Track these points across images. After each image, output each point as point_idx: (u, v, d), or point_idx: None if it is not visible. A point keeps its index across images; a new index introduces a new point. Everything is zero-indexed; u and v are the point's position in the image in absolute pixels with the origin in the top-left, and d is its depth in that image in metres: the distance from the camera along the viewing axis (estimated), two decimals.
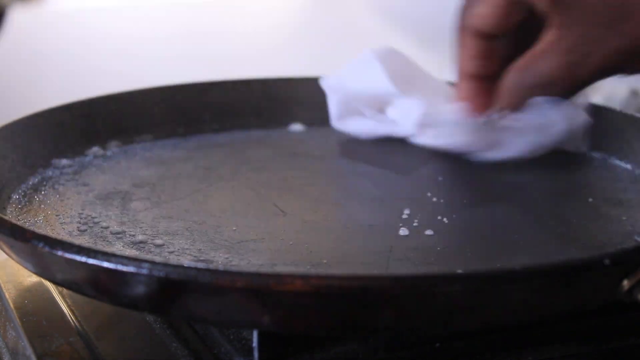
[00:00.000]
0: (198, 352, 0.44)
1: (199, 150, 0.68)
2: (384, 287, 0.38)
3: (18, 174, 0.58)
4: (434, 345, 0.44)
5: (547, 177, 0.61)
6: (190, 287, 0.39)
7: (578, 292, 0.41)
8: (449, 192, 0.59)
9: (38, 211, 0.54)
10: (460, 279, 0.38)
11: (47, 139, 0.63)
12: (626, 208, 0.55)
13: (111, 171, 0.62)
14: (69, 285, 0.44)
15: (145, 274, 0.39)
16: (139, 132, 0.69)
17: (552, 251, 0.49)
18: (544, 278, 0.39)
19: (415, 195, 0.57)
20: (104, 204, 0.55)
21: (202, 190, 0.58)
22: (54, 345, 0.45)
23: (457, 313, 0.39)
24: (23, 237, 0.42)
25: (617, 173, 0.62)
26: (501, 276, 0.39)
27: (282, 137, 0.71)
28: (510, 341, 0.44)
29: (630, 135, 0.63)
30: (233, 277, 0.38)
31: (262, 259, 0.48)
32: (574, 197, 0.57)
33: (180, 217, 0.53)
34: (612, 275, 0.40)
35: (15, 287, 0.52)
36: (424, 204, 0.56)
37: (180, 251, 0.48)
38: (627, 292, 0.40)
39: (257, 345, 0.42)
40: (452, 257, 0.48)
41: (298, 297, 0.38)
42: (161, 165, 0.64)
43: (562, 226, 0.52)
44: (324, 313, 0.39)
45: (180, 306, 0.40)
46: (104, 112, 0.68)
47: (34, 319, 0.48)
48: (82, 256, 0.40)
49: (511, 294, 0.39)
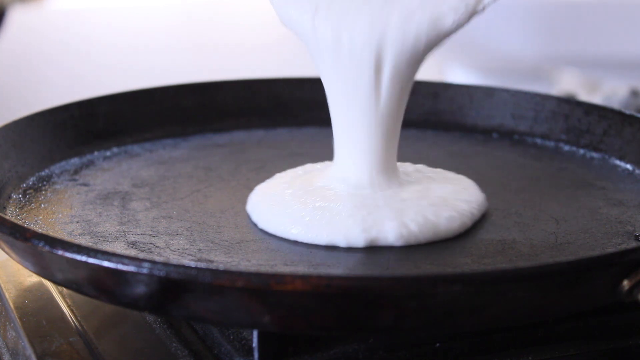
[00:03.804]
0: (198, 352, 0.44)
1: (199, 150, 0.68)
2: (384, 287, 0.38)
3: (18, 173, 0.58)
4: (434, 345, 0.44)
5: (546, 177, 0.61)
6: (190, 287, 0.39)
7: (578, 292, 0.41)
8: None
9: (38, 211, 0.54)
10: (460, 279, 0.38)
11: (47, 139, 0.63)
12: (626, 208, 0.55)
13: (111, 171, 0.62)
14: (69, 285, 0.44)
15: (146, 273, 0.39)
16: (139, 132, 0.69)
17: (552, 251, 0.49)
18: (544, 278, 0.39)
19: None
20: (104, 204, 0.55)
21: (202, 190, 0.58)
22: (54, 345, 0.45)
23: (457, 313, 0.39)
24: (23, 237, 0.42)
25: (617, 173, 0.62)
26: (501, 276, 0.39)
27: (282, 137, 0.71)
28: (510, 341, 0.44)
29: (630, 135, 0.63)
30: (233, 277, 0.38)
31: (262, 259, 0.48)
32: (573, 196, 0.57)
33: (180, 217, 0.53)
34: (612, 275, 0.40)
35: (15, 287, 0.52)
36: None
37: (180, 251, 0.48)
38: (627, 292, 0.40)
39: (257, 345, 0.42)
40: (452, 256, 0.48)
41: (298, 297, 0.38)
42: (161, 165, 0.64)
43: (561, 226, 0.52)
44: (324, 313, 0.39)
45: (180, 306, 0.40)
46: (104, 112, 0.68)
47: (34, 319, 0.48)
48: (82, 255, 0.40)
49: (511, 294, 0.39)
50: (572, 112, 0.68)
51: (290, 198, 0.53)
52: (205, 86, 0.74)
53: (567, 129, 0.68)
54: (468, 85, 0.73)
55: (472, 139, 0.70)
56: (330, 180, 0.54)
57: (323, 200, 0.52)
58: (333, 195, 0.52)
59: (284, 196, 0.53)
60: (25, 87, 1.31)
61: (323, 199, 0.52)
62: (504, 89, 0.72)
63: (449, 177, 0.57)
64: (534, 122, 0.70)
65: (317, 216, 0.50)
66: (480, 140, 0.70)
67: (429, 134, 0.72)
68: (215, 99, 0.73)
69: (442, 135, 0.72)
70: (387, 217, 0.50)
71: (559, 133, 0.69)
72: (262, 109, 0.74)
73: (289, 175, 0.57)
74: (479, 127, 0.71)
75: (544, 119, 0.70)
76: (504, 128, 0.71)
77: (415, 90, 0.73)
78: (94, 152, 0.65)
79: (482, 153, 0.67)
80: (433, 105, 0.73)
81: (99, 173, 0.61)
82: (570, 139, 0.68)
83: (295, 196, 0.53)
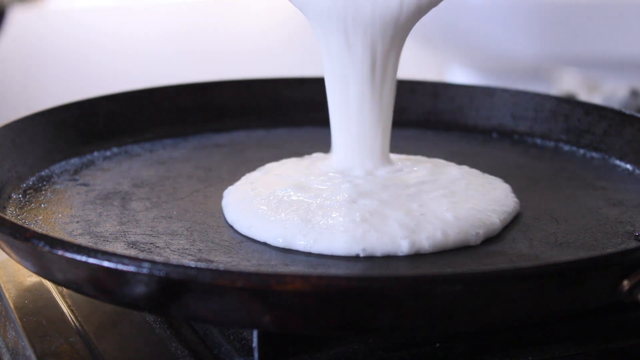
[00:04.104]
0: (198, 352, 0.44)
1: (199, 150, 0.68)
2: (384, 287, 0.38)
3: (18, 173, 0.58)
4: (434, 345, 0.44)
5: (546, 177, 0.61)
6: (190, 287, 0.39)
7: (578, 292, 0.41)
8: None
9: (38, 211, 0.54)
10: (460, 279, 0.38)
11: (47, 139, 0.63)
12: (626, 208, 0.55)
13: (111, 171, 0.62)
14: (69, 285, 0.44)
15: (146, 273, 0.39)
16: (139, 132, 0.69)
17: (552, 251, 0.49)
18: (544, 278, 0.39)
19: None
20: (104, 204, 0.55)
21: (202, 190, 0.58)
22: (54, 345, 0.45)
23: (457, 313, 0.39)
24: (23, 237, 0.42)
25: (617, 173, 0.62)
26: (501, 276, 0.39)
27: (282, 137, 0.71)
28: (510, 341, 0.44)
29: (630, 135, 0.63)
30: (233, 277, 0.38)
31: (262, 259, 0.48)
32: (573, 196, 0.57)
33: (180, 217, 0.53)
34: (612, 275, 0.40)
35: (15, 287, 0.52)
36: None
37: (180, 251, 0.48)
38: (627, 292, 0.40)
39: (257, 345, 0.42)
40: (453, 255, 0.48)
41: (298, 297, 0.38)
42: (161, 165, 0.64)
43: (561, 226, 0.52)
44: (324, 313, 0.39)
45: (180, 306, 0.40)
46: (104, 112, 0.68)
47: (34, 319, 0.48)
48: (83, 255, 0.40)
49: (511, 294, 0.39)
50: (572, 112, 0.68)
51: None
52: (205, 86, 0.74)
53: (567, 129, 0.68)
54: (468, 85, 0.73)
55: (472, 139, 0.70)
56: (328, 176, 0.54)
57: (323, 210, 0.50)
58: (333, 201, 0.51)
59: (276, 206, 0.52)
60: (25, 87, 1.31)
61: (322, 208, 0.50)
62: (504, 89, 0.72)
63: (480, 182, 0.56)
64: (534, 122, 0.70)
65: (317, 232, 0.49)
66: (480, 140, 0.70)
67: (429, 134, 0.72)
68: (215, 99, 0.73)
69: (442, 135, 0.72)
70: (399, 236, 0.48)
71: (559, 133, 0.69)
72: (262, 109, 0.74)
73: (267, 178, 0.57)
74: (479, 127, 0.71)
75: (544, 119, 0.70)
76: (504, 128, 0.71)
77: (415, 90, 0.74)
78: (94, 152, 0.65)
79: (482, 153, 0.67)
80: (433, 105, 0.73)
81: (99, 173, 0.61)
82: (570, 139, 0.68)
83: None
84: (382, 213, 0.49)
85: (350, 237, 0.48)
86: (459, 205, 0.51)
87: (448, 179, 0.55)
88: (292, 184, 0.53)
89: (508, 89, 0.71)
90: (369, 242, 0.47)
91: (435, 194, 0.52)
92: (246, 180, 0.57)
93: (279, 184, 0.54)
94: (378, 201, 0.50)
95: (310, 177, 0.54)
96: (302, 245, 0.48)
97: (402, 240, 0.48)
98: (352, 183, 0.52)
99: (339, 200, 0.50)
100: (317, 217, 0.49)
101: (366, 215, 0.49)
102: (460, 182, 0.55)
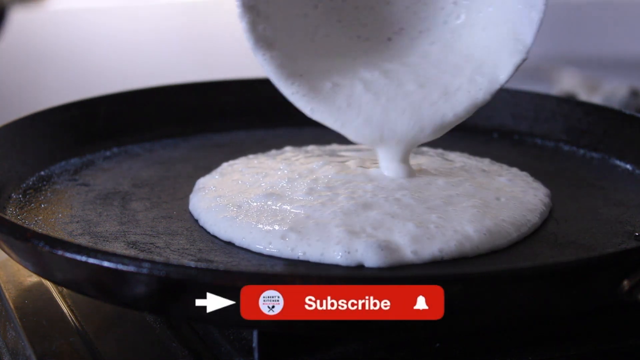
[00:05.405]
0: (198, 352, 0.44)
1: (199, 150, 0.68)
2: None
3: (18, 173, 0.58)
4: (434, 345, 0.44)
5: (546, 177, 0.61)
6: (190, 287, 0.39)
7: (578, 292, 0.41)
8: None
9: (38, 211, 0.54)
10: (460, 279, 0.38)
11: (47, 139, 0.63)
12: (626, 208, 0.55)
13: (111, 171, 0.62)
14: (69, 285, 0.44)
15: (146, 273, 0.39)
16: (139, 132, 0.69)
17: (552, 251, 0.49)
18: (544, 278, 0.39)
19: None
20: (104, 204, 0.55)
21: None
22: (54, 345, 0.45)
23: (457, 313, 0.39)
24: (23, 237, 0.42)
25: (617, 173, 0.62)
26: (501, 276, 0.39)
27: (282, 137, 0.71)
28: (510, 341, 0.44)
29: (630, 135, 0.63)
30: (233, 277, 0.38)
31: (262, 259, 0.48)
32: (573, 197, 0.57)
33: (180, 217, 0.53)
34: (612, 275, 0.40)
35: (15, 287, 0.52)
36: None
37: (180, 251, 0.48)
38: (627, 292, 0.40)
39: (257, 345, 0.42)
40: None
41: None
42: (161, 165, 0.64)
43: (561, 226, 0.52)
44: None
45: (180, 306, 0.40)
46: (104, 112, 0.68)
47: (34, 319, 0.48)
48: (83, 256, 0.40)
49: (511, 294, 0.39)
50: (572, 112, 0.68)
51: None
52: (205, 86, 0.74)
53: (567, 129, 0.68)
54: None
55: (472, 139, 0.70)
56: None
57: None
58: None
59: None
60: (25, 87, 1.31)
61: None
62: (504, 89, 0.72)
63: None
64: (534, 122, 0.70)
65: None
66: (480, 140, 0.70)
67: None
68: (216, 98, 0.73)
69: (442, 135, 0.72)
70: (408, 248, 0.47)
71: (559, 133, 0.69)
72: (262, 109, 0.74)
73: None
74: (479, 127, 0.71)
75: (544, 119, 0.70)
76: (504, 128, 0.71)
77: None
78: (94, 152, 0.65)
79: (482, 153, 0.67)
80: None
81: (99, 173, 0.61)
82: (570, 139, 0.68)
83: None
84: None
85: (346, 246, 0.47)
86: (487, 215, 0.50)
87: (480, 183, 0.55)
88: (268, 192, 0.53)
89: (508, 89, 0.71)
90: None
91: (465, 204, 0.51)
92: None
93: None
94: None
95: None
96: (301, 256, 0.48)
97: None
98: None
99: (343, 207, 0.50)
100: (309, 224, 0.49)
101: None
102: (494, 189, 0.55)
